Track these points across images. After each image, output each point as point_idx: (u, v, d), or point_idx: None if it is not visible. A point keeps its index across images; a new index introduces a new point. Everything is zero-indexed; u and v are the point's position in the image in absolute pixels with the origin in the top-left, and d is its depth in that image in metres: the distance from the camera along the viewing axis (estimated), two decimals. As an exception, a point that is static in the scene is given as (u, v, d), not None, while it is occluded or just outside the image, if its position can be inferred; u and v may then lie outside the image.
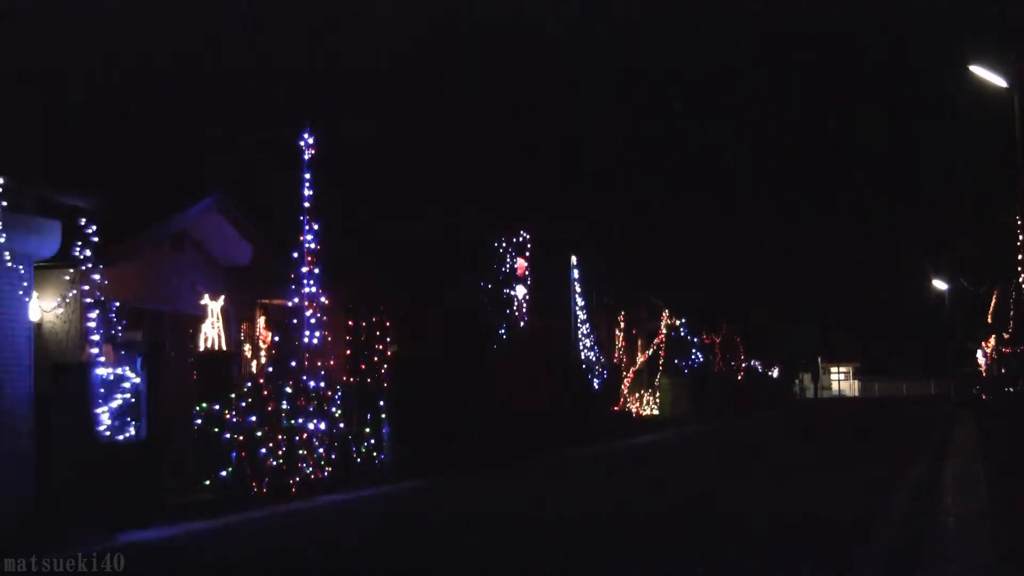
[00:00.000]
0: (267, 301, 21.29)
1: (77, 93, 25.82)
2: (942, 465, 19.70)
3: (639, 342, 46.24)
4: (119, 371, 15.34)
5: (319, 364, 19.17)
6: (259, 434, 17.57)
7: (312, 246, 19.28)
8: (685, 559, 11.03)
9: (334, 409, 19.39)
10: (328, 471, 18.82)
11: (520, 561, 11.36)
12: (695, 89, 78.72)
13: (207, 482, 16.92)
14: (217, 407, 17.26)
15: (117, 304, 15.83)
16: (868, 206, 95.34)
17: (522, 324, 30.91)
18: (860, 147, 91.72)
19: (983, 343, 71.82)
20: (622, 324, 42.72)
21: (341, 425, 19.65)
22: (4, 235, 13.53)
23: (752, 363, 65.13)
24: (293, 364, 18.79)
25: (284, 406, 18.25)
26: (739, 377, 60.91)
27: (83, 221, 15.00)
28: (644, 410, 43.77)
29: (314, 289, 19.24)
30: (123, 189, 19.25)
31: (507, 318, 30.25)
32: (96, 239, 15.11)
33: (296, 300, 19.25)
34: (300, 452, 18.27)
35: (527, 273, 31.38)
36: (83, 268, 15.01)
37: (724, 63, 79.23)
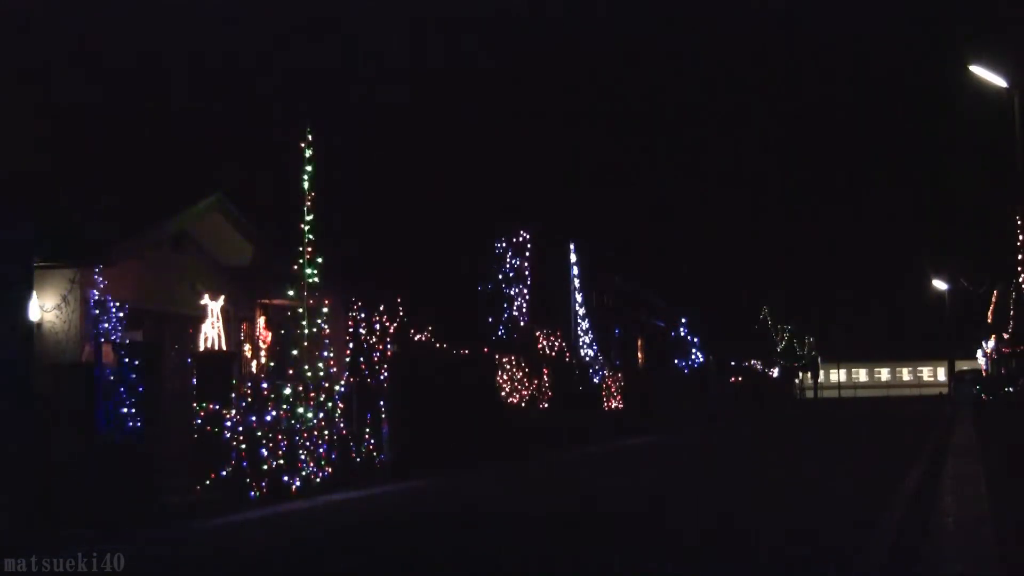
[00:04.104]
0: (267, 301, 21.28)
1: (78, 93, 25.82)
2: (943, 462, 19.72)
3: (639, 342, 46.22)
4: (119, 371, 15.33)
5: (319, 364, 19.18)
6: (259, 434, 17.58)
7: (312, 246, 19.28)
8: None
9: (334, 409, 19.40)
10: (328, 471, 18.83)
11: (516, 560, 11.36)
12: (695, 87, 78.73)
13: (207, 482, 16.91)
14: (217, 407, 17.25)
15: (117, 304, 15.83)
16: (867, 206, 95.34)
17: (522, 324, 30.91)
18: (860, 147, 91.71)
19: (983, 343, 71.87)
20: (622, 324, 42.71)
21: (341, 425, 19.66)
22: (3, 235, 13.52)
23: (752, 363, 65.14)
24: (293, 364, 18.79)
25: (284, 406, 18.26)
26: (739, 377, 60.90)
27: (83, 221, 15.00)
28: (644, 411, 43.72)
29: (314, 289, 19.24)
30: (124, 189, 19.24)
31: (507, 318, 30.25)
32: (96, 239, 15.10)
33: (296, 300, 19.26)
34: (300, 452, 18.27)
35: (527, 273, 31.37)
36: (83, 268, 15.01)
37: (725, 61, 79.25)
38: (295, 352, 19.18)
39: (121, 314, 16.11)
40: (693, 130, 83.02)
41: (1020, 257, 28.64)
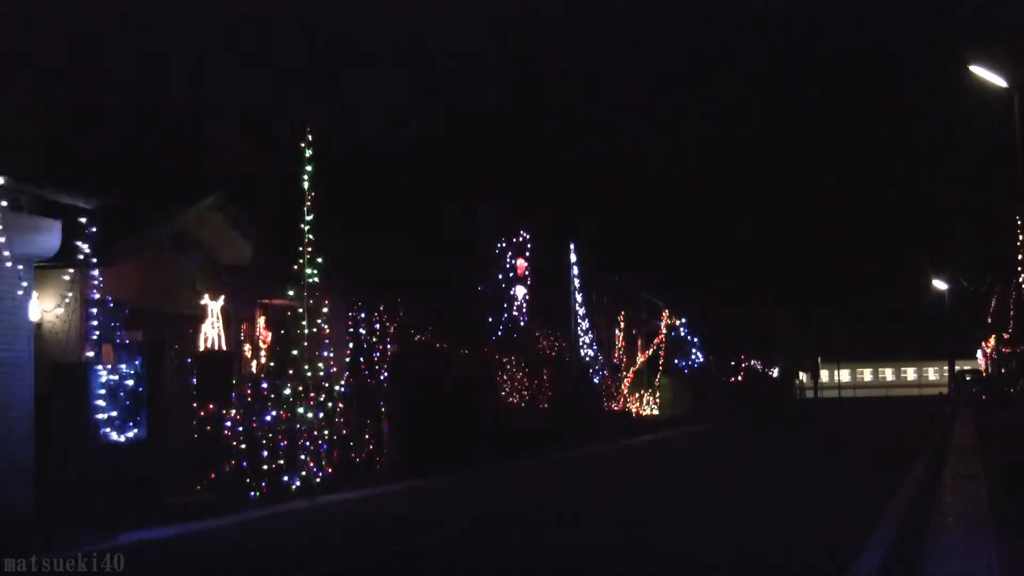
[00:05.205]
0: (267, 301, 21.28)
1: (78, 93, 25.80)
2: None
3: (639, 342, 46.23)
4: (119, 371, 15.33)
5: (319, 364, 19.18)
6: (259, 434, 17.58)
7: (312, 246, 19.29)
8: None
9: (334, 409, 19.40)
10: (328, 471, 18.82)
11: (516, 560, 11.37)
12: (694, 86, 78.71)
13: (207, 482, 16.92)
14: (217, 407, 17.26)
15: (117, 304, 15.81)
16: (867, 206, 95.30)
17: (522, 324, 30.90)
18: (859, 147, 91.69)
19: (983, 343, 71.82)
20: (622, 324, 42.71)
21: (341, 425, 19.65)
22: (4, 235, 13.52)
23: (752, 363, 65.11)
24: (293, 364, 18.80)
25: (284, 406, 18.25)
26: (739, 377, 60.90)
27: (83, 221, 14.98)
28: (644, 410, 43.76)
29: (314, 289, 19.25)
30: (124, 189, 19.21)
31: (507, 318, 30.24)
32: (96, 239, 15.09)
33: (296, 300, 19.27)
34: (300, 452, 18.27)
35: (527, 273, 31.37)
36: (83, 268, 14.99)
37: (724, 61, 79.22)
38: (295, 352, 19.19)
39: (121, 314, 16.09)
40: (692, 130, 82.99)
41: (1020, 257, 28.64)
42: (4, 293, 13.68)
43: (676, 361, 48.48)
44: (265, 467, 17.48)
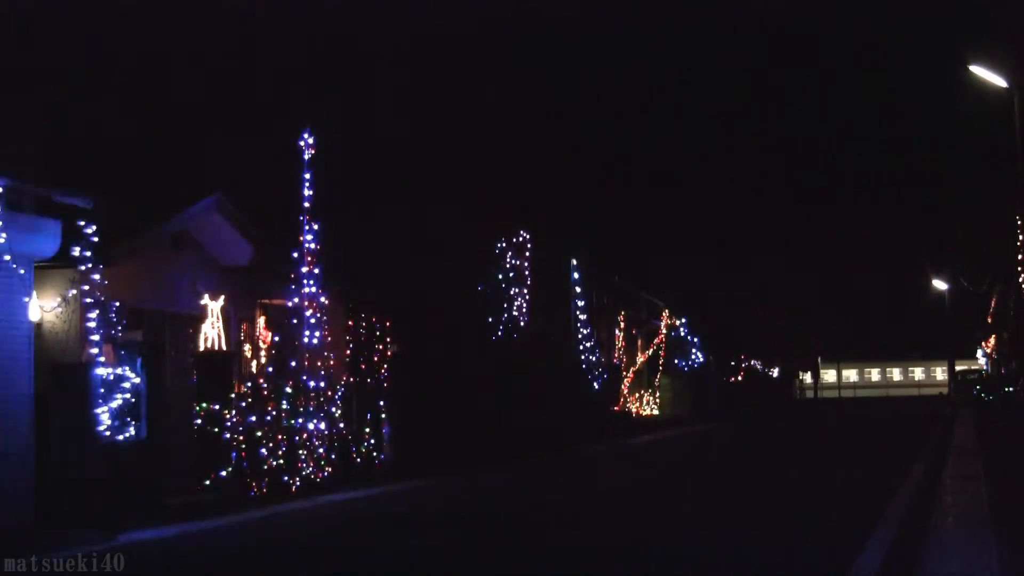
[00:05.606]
0: (267, 301, 21.28)
1: (77, 93, 25.81)
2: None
3: (639, 342, 46.23)
4: (119, 371, 15.33)
5: (319, 364, 19.18)
6: (259, 434, 17.58)
7: (312, 246, 19.29)
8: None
9: (334, 409, 19.40)
10: (328, 471, 18.83)
11: (515, 560, 11.37)
12: (696, 86, 78.72)
13: (207, 482, 16.93)
14: (217, 407, 17.26)
15: (117, 304, 15.81)
16: (867, 206, 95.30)
17: (522, 324, 30.88)
18: (859, 147, 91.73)
19: (983, 343, 71.84)
20: (622, 324, 42.70)
21: (341, 425, 19.66)
22: (4, 235, 13.52)
23: (752, 363, 65.12)
24: (293, 364, 18.81)
25: (284, 406, 18.26)
26: (739, 377, 60.91)
27: (83, 221, 14.98)
28: (644, 410, 43.77)
29: (314, 289, 19.25)
30: (123, 189, 19.22)
31: (507, 318, 30.22)
32: (96, 239, 15.09)
33: (296, 300, 19.26)
34: (300, 452, 18.27)
35: (527, 273, 31.34)
36: (83, 268, 15.00)
37: (725, 61, 79.26)
38: (295, 352, 19.19)
39: (121, 314, 16.09)
40: (692, 130, 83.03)
41: (1020, 257, 28.66)
42: (4, 293, 13.69)
43: (676, 361, 48.49)
44: (265, 467, 17.48)
